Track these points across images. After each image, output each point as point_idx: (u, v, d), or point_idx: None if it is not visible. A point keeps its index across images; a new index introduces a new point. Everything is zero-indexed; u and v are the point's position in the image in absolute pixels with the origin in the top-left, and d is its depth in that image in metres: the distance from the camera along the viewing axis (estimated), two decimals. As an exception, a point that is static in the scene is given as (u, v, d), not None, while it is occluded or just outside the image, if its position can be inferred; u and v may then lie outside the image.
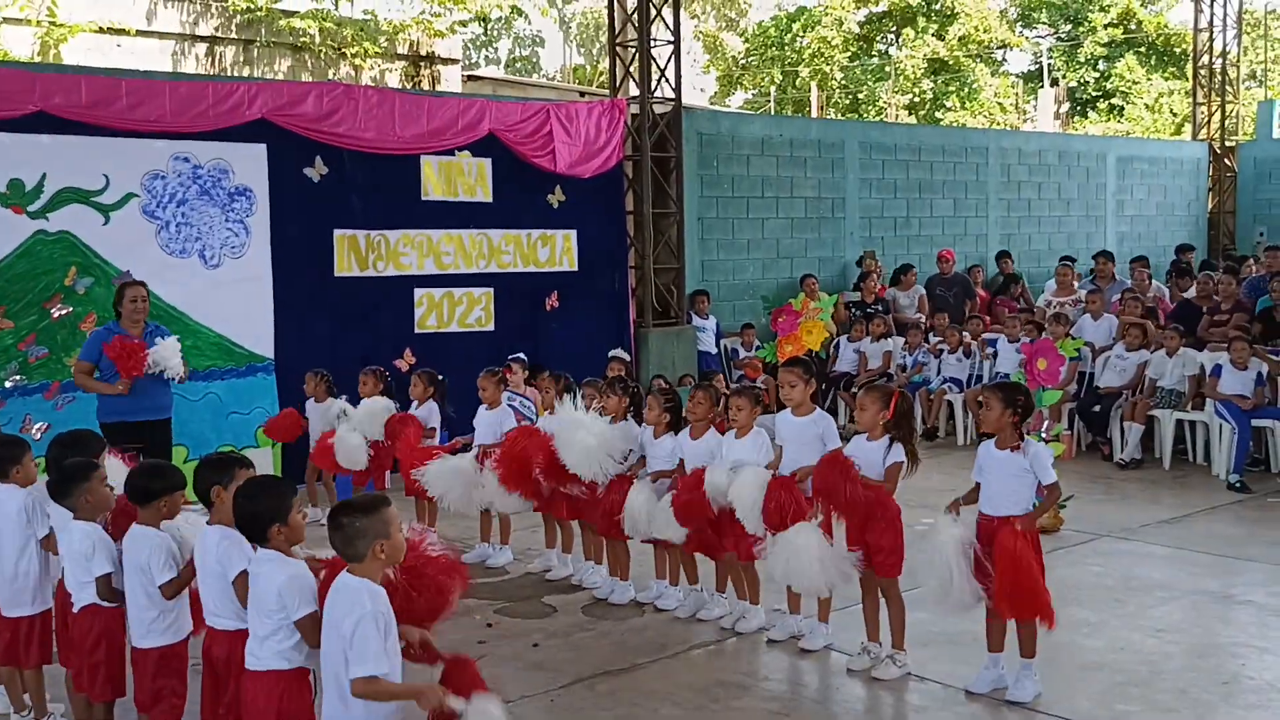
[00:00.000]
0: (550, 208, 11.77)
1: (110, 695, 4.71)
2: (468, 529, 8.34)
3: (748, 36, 40.88)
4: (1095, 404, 11.00)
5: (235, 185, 9.86)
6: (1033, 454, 5.33)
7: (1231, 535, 8.22)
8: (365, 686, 3.62)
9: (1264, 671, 5.64)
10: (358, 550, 3.73)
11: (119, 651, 4.69)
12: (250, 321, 9.93)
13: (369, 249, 10.60)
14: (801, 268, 14.36)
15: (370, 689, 3.62)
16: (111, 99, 9.21)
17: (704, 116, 14.73)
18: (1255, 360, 10.04)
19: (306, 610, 3.88)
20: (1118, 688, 5.47)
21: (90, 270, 9.17)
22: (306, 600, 3.89)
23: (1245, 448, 9.84)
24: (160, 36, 16.38)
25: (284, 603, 3.88)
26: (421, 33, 18.83)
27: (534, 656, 6.05)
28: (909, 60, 35.83)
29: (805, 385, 6.02)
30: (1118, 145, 19.31)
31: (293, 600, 3.88)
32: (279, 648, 3.92)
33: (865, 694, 5.54)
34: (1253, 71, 33.56)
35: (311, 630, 3.86)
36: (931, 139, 16.47)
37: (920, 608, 5.74)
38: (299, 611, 3.88)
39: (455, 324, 11.15)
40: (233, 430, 9.70)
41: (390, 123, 10.63)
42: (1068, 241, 17.32)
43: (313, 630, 3.86)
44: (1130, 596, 6.85)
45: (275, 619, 3.91)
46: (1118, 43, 35.25)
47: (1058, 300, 12.87)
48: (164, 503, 4.53)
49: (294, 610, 3.88)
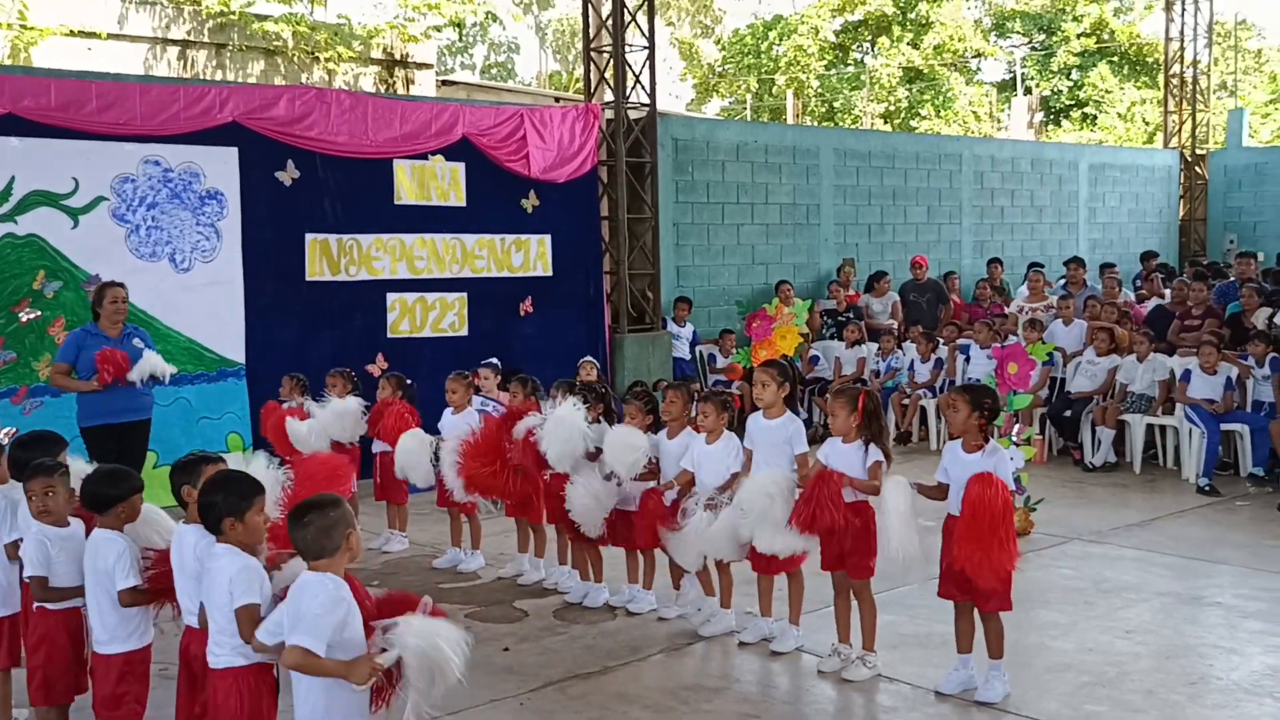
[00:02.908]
0: (524, 212, 11.75)
1: (44, 701, 4.64)
2: (439, 534, 8.31)
3: (723, 44, 40.99)
4: (1066, 409, 11.07)
5: (206, 189, 9.81)
6: (995, 460, 5.36)
7: (1200, 538, 8.27)
8: (298, 657, 3.58)
9: (1231, 672, 5.68)
10: (334, 542, 3.73)
11: (62, 655, 4.63)
12: (221, 326, 9.88)
13: (341, 253, 10.55)
14: (776, 274, 14.40)
15: (302, 660, 3.58)
16: (81, 102, 9.16)
17: (679, 122, 14.76)
18: (1225, 365, 10.13)
19: (246, 600, 3.84)
20: (1086, 688, 5.49)
21: (59, 274, 9.10)
22: (251, 592, 3.86)
23: (1214, 452, 9.91)
24: (132, 40, 16.31)
25: (232, 594, 3.86)
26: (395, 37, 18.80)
27: (505, 660, 6.02)
28: (884, 69, 36.00)
29: (778, 387, 6.02)
30: (1090, 153, 19.46)
31: (238, 589, 3.85)
32: (233, 643, 3.89)
33: (836, 695, 5.54)
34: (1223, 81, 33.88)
35: (249, 622, 3.82)
36: (906, 146, 16.55)
37: (891, 610, 5.75)
38: (238, 600, 3.84)
39: (428, 329, 11.11)
40: (203, 435, 9.62)
41: (363, 126, 10.60)
42: (1040, 248, 17.43)
43: (249, 623, 3.82)
44: (1100, 598, 6.88)
45: (227, 613, 3.89)
46: (1090, 52, 35.52)
47: (1030, 306, 12.95)
48: (122, 508, 4.49)
49: (236, 598, 3.84)
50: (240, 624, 3.84)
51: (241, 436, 9.86)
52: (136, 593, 4.40)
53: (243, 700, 3.88)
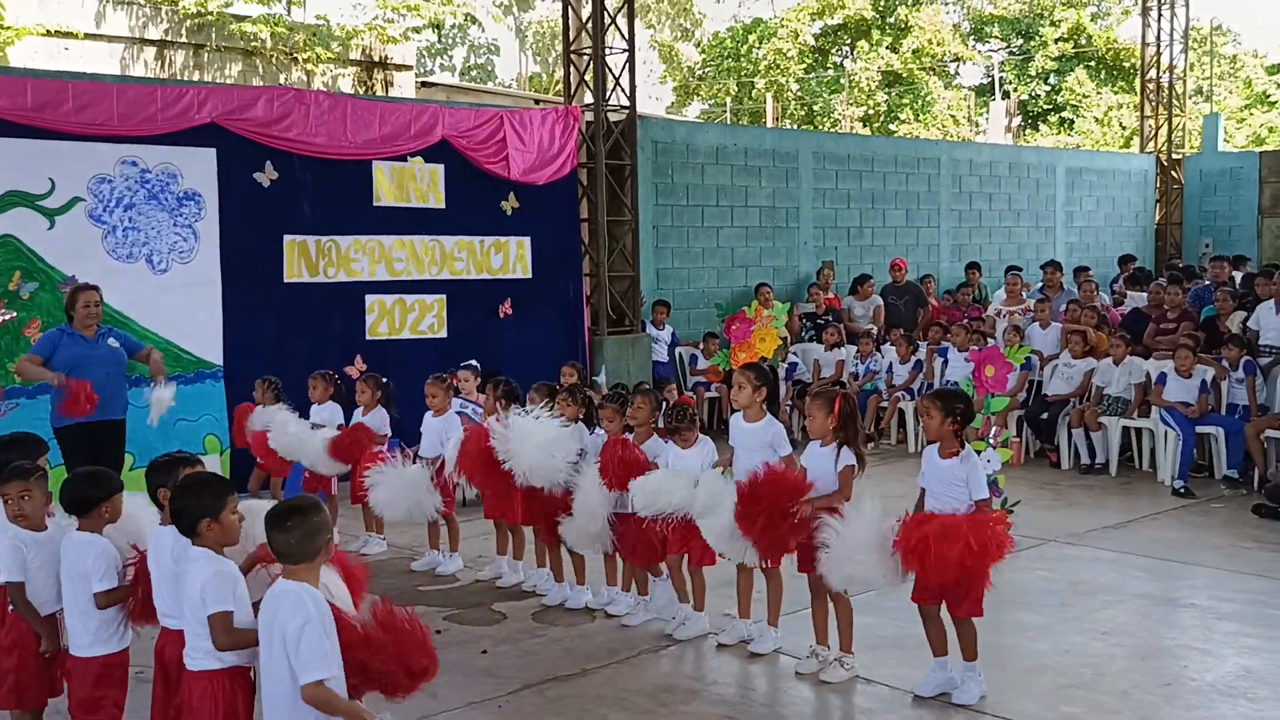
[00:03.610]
0: (504, 214, 11.74)
1: (15, 705, 4.60)
2: (418, 536, 8.29)
3: (704, 47, 41.04)
4: (1043, 411, 11.13)
5: (184, 190, 9.76)
6: (969, 467, 5.38)
7: (1175, 540, 8.33)
8: (316, 691, 3.59)
9: (1205, 673, 5.72)
10: (315, 546, 3.73)
11: (35, 660, 4.59)
12: (198, 327, 9.83)
13: (320, 255, 10.52)
14: (756, 276, 14.43)
15: (321, 695, 3.60)
16: (58, 102, 9.09)
17: (659, 125, 14.78)
18: (1200, 368, 10.20)
19: (219, 607, 3.84)
20: (1062, 689, 5.52)
21: (35, 275, 9.03)
22: (223, 598, 3.85)
23: (1190, 454, 9.98)
24: (109, 40, 16.21)
25: (204, 599, 3.85)
26: (374, 39, 18.75)
27: (483, 663, 6.02)
28: (863, 73, 36.10)
29: (754, 389, 6.03)
30: (1067, 157, 19.58)
31: (210, 595, 3.84)
32: (208, 646, 3.88)
33: (813, 697, 5.56)
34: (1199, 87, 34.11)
35: (221, 630, 3.82)
36: (885, 150, 16.61)
37: (867, 612, 5.78)
38: (211, 607, 3.84)
39: (407, 331, 11.09)
40: (180, 437, 9.52)
41: (342, 128, 10.57)
42: (1018, 251, 17.53)
43: (222, 630, 3.82)
44: (1076, 600, 6.92)
45: (203, 617, 3.87)
46: (1068, 57, 35.70)
47: (1008, 310, 13.02)
48: (105, 508, 4.47)
49: (209, 605, 3.84)
50: (213, 631, 3.83)
51: (219, 438, 9.82)
52: (112, 594, 4.38)
53: (218, 702, 3.87)
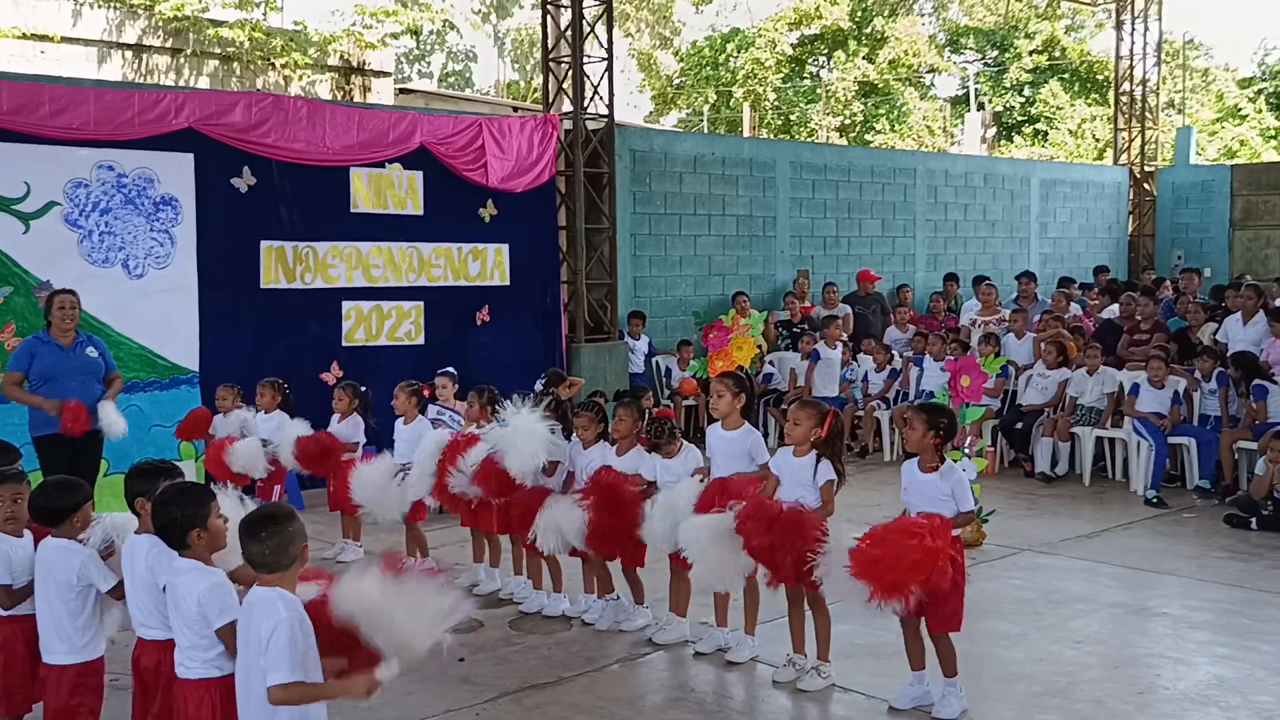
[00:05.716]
0: (482, 222, 11.74)
1: (3, 711, 4.59)
2: (395, 544, 8.24)
3: (682, 56, 41.14)
4: (1018, 421, 11.20)
5: (161, 194, 9.72)
6: (954, 481, 5.41)
7: (1148, 549, 8.40)
8: (283, 693, 3.58)
9: (1178, 682, 5.77)
10: (290, 555, 3.71)
11: (21, 664, 4.57)
12: (174, 333, 9.79)
13: (297, 261, 10.49)
14: (733, 285, 14.47)
15: (288, 695, 3.58)
16: (34, 105, 9.04)
17: (637, 133, 14.80)
18: (1172, 379, 10.30)
19: (226, 619, 3.83)
20: (1037, 698, 5.56)
21: (9, 280, 8.97)
22: (227, 609, 3.84)
23: (1162, 464, 10.07)
24: (85, 43, 16.11)
25: (203, 612, 3.83)
26: (352, 44, 18.71)
27: (460, 671, 6.00)
28: (840, 83, 36.28)
29: (733, 397, 6.06)
30: (1041, 169, 19.72)
31: (212, 609, 3.83)
32: (205, 656, 3.88)
33: (791, 705, 5.58)
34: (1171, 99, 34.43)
35: (232, 639, 3.81)
36: (861, 160, 16.70)
37: (845, 620, 5.80)
38: (219, 620, 3.83)
39: (384, 337, 11.06)
40: (155, 443, 9.51)
41: (320, 134, 10.55)
42: (992, 262, 17.63)
43: (234, 639, 3.81)
44: (1050, 609, 6.97)
45: (196, 629, 3.86)
46: (1042, 69, 35.96)
47: (982, 320, 13.10)
48: (77, 518, 4.47)
49: (214, 619, 3.83)
50: (226, 642, 3.83)
51: (194, 445, 9.76)
52: (118, 588, 4.38)
53: (215, 711, 3.86)
